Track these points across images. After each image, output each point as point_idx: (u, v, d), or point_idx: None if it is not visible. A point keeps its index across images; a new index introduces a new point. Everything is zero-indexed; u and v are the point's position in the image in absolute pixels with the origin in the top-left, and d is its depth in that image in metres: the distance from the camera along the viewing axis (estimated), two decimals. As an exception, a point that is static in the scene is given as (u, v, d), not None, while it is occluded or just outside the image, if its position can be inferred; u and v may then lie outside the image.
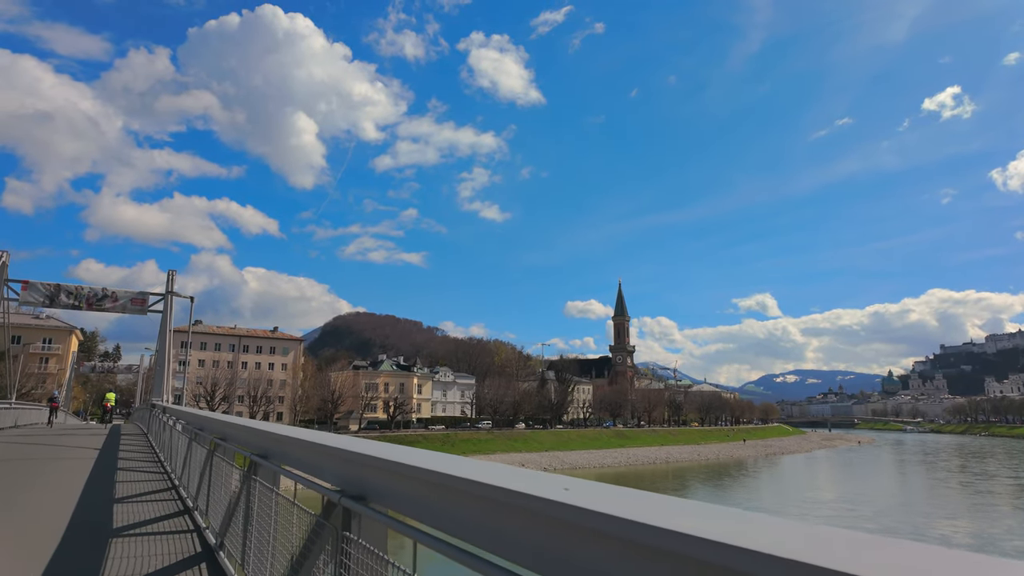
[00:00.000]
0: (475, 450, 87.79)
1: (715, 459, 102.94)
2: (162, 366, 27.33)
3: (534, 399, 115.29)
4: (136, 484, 11.48)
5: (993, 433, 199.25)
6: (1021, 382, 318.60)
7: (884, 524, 42.02)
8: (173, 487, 11.10)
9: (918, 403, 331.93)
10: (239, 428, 6.74)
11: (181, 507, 9.13)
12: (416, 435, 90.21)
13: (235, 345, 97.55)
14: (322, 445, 3.64)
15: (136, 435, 26.22)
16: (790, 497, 57.12)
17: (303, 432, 4.62)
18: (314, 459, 3.89)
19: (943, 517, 45.51)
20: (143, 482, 11.89)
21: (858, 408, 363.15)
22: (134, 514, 8.59)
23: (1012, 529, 40.71)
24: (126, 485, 11.22)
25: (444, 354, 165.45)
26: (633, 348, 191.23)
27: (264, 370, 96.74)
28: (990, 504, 51.96)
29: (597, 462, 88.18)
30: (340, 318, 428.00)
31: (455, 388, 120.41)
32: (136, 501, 9.81)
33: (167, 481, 11.85)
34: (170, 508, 9.15)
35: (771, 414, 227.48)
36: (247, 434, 6.28)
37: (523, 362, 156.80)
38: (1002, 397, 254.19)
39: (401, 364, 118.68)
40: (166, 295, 24.10)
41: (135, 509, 9.05)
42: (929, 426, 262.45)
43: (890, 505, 51.10)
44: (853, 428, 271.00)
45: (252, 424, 6.42)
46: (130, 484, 11.39)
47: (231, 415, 15.35)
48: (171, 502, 9.63)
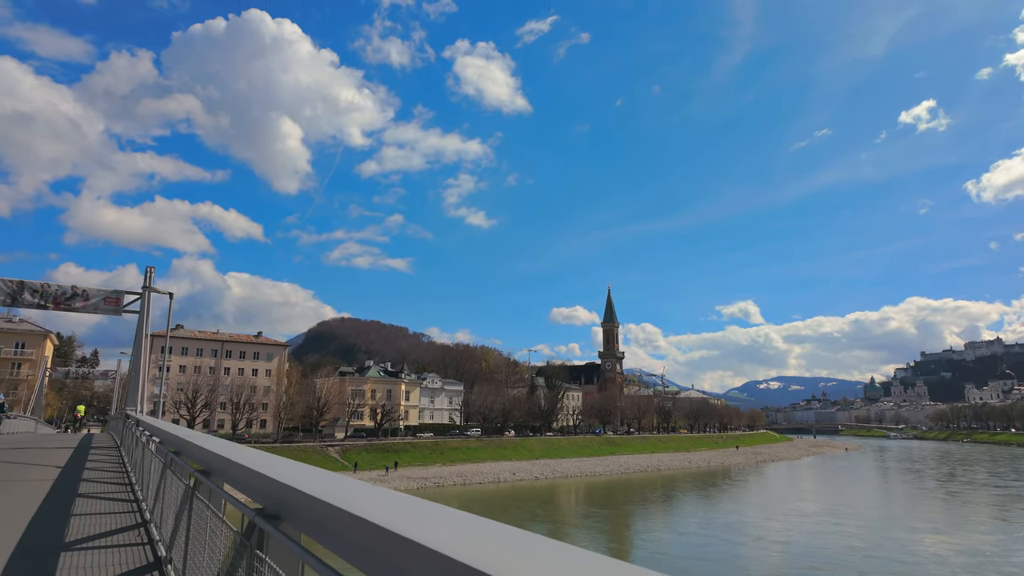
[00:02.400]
0: (464, 458, 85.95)
1: (706, 467, 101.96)
2: (137, 372, 25.02)
3: (524, 406, 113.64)
4: (98, 502, 11.16)
5: (975, 439, 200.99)
6: (1000, 389, 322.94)
7: (869, 540, 40.59)
8: (136, 502, 11.03)
9: (901, 410, 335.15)
10: (189, 443, 6.67)
11: (139, 519, 9.25)
12: (404, 443, 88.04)
13: (217, 350, 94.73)
14: (243, 466, 3.68)
15: (107, 448, 24.23)
16: (776, 508, 55.71)
17: (236, 451, 4.65)
18: (245, 478, 3.79)
19: (931, 532, 44.19)
20: (106, 500, 11.48)
21: (842, 414, 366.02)
22: (90, 526, 8.67)
23: (1004, 545, 39.17)
24: (88, 501, 11.04)
25: (431, 360, 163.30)
26: (622, 354, 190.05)
27: (247, 376, 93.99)
28: (981, 517, 50.80)
29: (588, 470, 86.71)
30: (324, 323, 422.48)
31: (443, 395, 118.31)
32: (94, 514, 9.81)
33: (133, 502, 11.35)
34: (127, 520, 9.24)
35: (757, 420, 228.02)
36: (195, 449, 6.25)
37: (512, 368, 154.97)
38: (983, 404, 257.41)
39: (388, 370, 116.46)
40: (143, 291, 21.30)
41: (92, 522, 9.08)
42: (912, 432, 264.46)
43: (876, 519, 49.78)
44: (837, 434, 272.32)
45: (198, 440, 6.41)
46: (92, 500, 11.17)
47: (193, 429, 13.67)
48: (130, 514, 9.73)
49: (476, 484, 72.57)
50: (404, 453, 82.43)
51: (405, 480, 69.89)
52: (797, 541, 41.07)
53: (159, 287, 24.68)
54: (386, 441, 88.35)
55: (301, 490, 2.57)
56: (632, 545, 42.50)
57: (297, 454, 76.15)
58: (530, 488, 72.17)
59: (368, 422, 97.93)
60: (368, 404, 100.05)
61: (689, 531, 45.09)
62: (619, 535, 46.28)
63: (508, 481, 75.88)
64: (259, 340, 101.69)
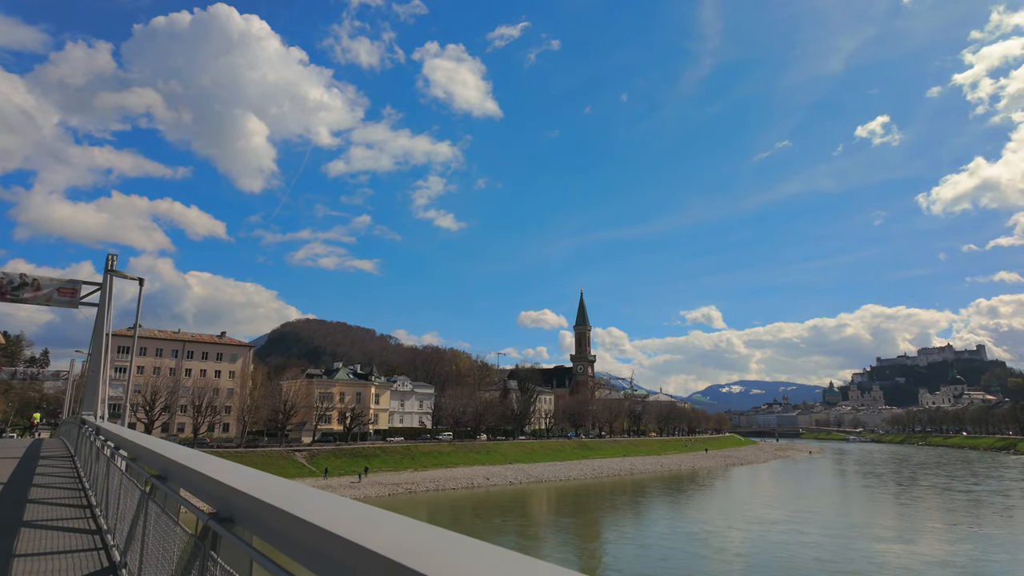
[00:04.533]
0: (437, 463, 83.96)
1: (677, 470, 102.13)
2: (97, 372, 22.29)
3: (497, 409, 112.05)
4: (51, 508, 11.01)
5: (930, 442, 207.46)
6: (952, 393, 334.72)
7: (834, 552, 38.87)
8: (90, 507, 10.80)
9: (859, 413, 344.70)
10: (146, 449, 6.66)
11: (94, 526, 9.17)
12: (375, 448, 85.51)
13: (178, 351, 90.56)
14: (198, 471, 3.83)
15: (61, 456, 21.84)
16: (741, 516, 54.38)
17: (192, 457, 4.68)
18: (200, 483, 3.88)
19: (898, 541, 43.08)
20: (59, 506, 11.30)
21: (803, 418, 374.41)
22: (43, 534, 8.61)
23: (973, 556, 38.22)
24: (40, 508, 10.84)
25: (400, 363, 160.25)
26: (594, 357, 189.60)
27: (210, 378, 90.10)
28: (948, 524, 50.34)
29: (562, 474, 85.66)
30: (288, 325, 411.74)
31: (413, 398, 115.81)
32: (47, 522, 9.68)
33: (87, 507, 11.09)
34: (82, 526, 9.17)
35: (724, 424, 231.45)
36: (152, 455, 6.27)
37: (483, 372, 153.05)
38: (936, 408, 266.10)
39: (358, 373, 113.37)
40: (106, 277, 17.97)
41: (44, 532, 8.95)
42: (870, 436, 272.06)
43: (842, 527, 48.69)
44: (798, 438, 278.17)
45: (155, 446, 6.42)
46: (45, 507, 10.99)
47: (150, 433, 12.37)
48: (84, 520, 9.61)
49: (450, 489, 70.75)
50: (375, 458, 79.99)
51: (377, 486, 67.60)
52: (761, 553, 39.54)
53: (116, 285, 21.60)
54: (356, 446, 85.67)
55: (252, 495, 2.68)
56: (591, 557, 40.90)
57: (262, 459, 73.04)
58: (503, 494, 70.72)
59: (337, 426, 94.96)
60: (337, 407, 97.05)
61: (650, 543, 43.41)
62: (581, 546, 44.66)
63: (482, 486, 74.26)
64: (222, 340, 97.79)
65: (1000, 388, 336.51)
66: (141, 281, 18.34)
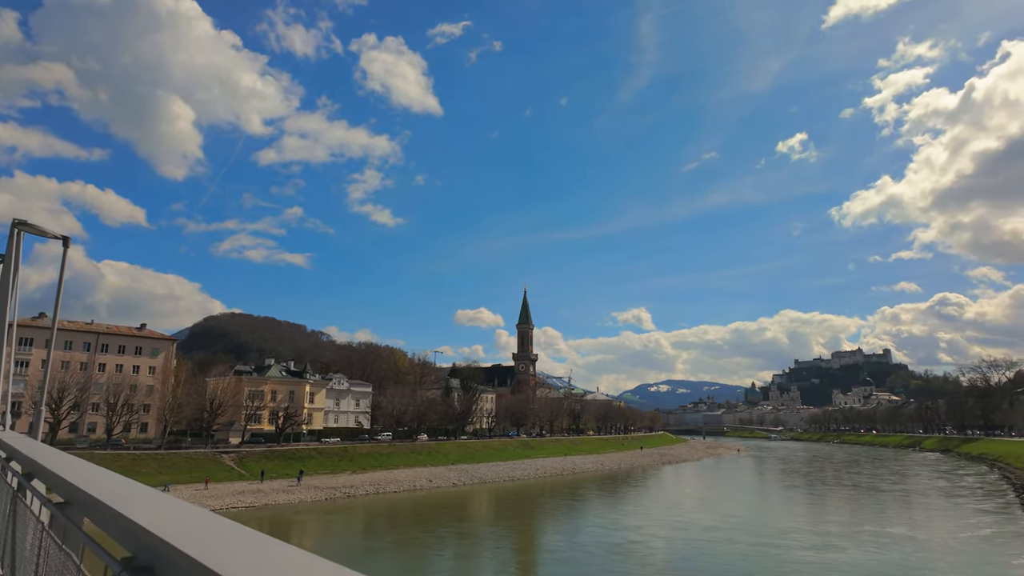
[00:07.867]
0: (377, 465, 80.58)
1: (616, 468, 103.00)
2: None
3: (439, 408, 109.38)
4: None
5: (844, 440, 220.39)
6: (862, 394, 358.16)
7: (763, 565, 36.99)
8: None
9: (779, 413, 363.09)
10: (43, 468, 4.83)
11: None
12: (310, 449, 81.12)
13: (91, 344, 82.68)
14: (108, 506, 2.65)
15: None
16: (670, 521, 52.85)
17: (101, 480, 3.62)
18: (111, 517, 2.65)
19: (836, 550, 41.49)
20: None
21: (727, 417, 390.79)
22: None
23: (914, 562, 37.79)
24: None
25: (334, 360, 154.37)
26: (536, 356, 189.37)
27: (127, 374, 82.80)
28: (886, 527, 50.12)
29: (506, 475, 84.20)
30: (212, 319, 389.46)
31: (350, 397, 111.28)
32: None
33: None
34: None
35: (656, 422, 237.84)
36: (51, 476, 4.58)
37: (424, 370, 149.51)
38: (849, 408, 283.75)
39: (291, 370, 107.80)
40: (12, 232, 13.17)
41: None
42: (790, 434, 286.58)
43: (775, 532, 47.58)
44: (723, 435, 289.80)
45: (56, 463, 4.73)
46: None
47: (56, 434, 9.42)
48: None
49: (391, 493, 67.78)
50: (310, 460, 75.77)
51: (312, 490, 63.76)
52: (688, 563, 38.02)
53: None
54: (289, 447, 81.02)
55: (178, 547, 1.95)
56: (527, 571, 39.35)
57: (186, 461, 67.63)
58: (447, 496, 68.47)
59: (268, 426, 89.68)
60: (268, 406, 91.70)
61: (573, 555, 40.87)
62: (507, 558, 42.57)
63: (425, 488, 71.68)
64: (142, 333, 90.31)
65: (903, 389, 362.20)
66: (66, 240, 14.79)
